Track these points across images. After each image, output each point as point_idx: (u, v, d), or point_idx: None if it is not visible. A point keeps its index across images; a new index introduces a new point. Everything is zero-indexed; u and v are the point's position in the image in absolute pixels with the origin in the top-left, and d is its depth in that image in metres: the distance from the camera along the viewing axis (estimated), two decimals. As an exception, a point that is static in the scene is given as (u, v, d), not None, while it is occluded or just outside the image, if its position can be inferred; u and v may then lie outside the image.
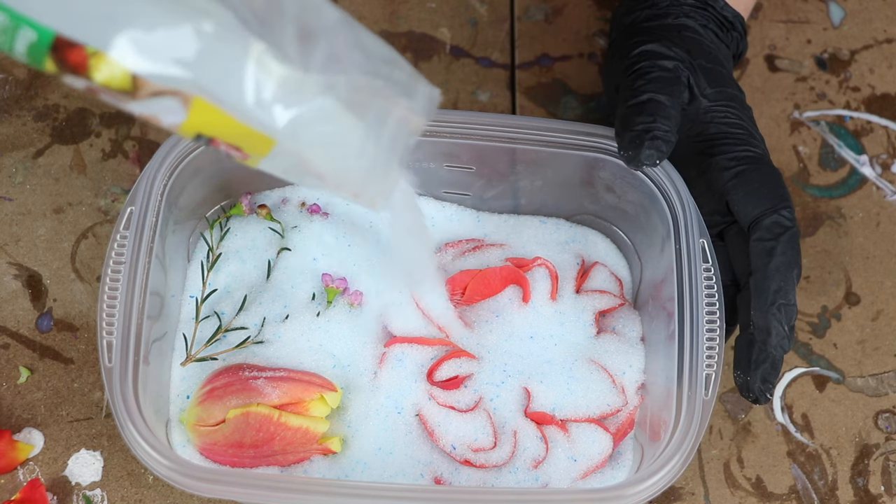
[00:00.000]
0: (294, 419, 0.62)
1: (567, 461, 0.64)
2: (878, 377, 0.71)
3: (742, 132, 0.65)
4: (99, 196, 0.73)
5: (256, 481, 0.56)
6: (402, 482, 0.63)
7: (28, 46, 0.45)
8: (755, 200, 0.62)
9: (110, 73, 0.45)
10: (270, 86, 0.47)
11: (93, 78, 0.45)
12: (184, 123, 0.48)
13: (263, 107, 0.47)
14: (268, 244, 0.69)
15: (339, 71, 0.49)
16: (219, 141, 0.49)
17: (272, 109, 0.48)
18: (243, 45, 0.46)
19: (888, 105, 0.79)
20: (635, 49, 0.65)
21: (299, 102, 0.48)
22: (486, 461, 0.64)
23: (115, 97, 0.46)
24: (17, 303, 0.70)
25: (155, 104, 0.47)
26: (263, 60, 0.47)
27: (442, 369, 0.65)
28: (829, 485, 0.67)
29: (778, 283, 0.60)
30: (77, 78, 0.45)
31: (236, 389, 0.62)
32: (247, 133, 0.48)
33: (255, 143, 0.49)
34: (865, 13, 0.83)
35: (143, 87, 0.45)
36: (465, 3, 0.82)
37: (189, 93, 0.46)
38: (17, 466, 0.65)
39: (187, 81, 0.46)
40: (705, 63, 0.66)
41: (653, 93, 0.62)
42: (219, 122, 0.47)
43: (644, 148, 0.61)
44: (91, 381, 0.68)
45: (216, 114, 0.47)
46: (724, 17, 0.69)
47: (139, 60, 0.45)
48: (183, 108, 0.47)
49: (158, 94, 0.46)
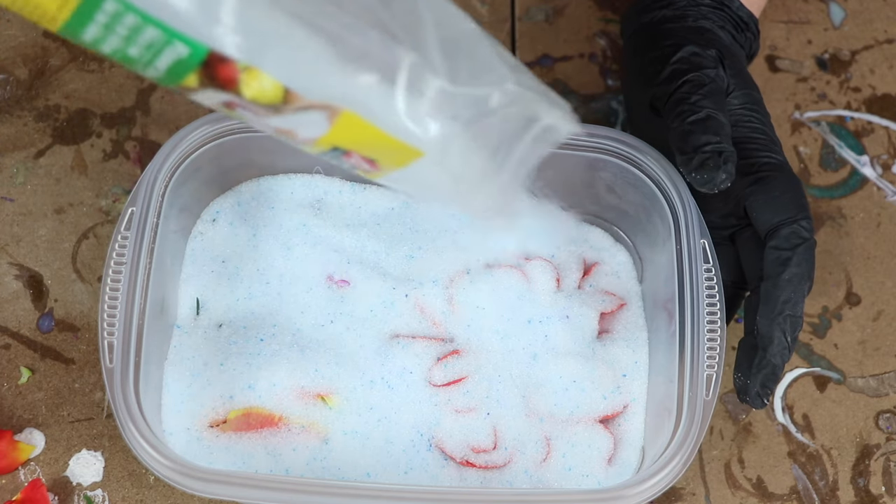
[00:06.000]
0: (296, 419, 0.62)
1: (568, 461, 0.64)
2: (879, 377, 0.71)
3: (764, 137, 0.64)
4: (100, 196, 0.73)
5: (257, 482, 0.56)
6: (402, 482, 0.63)
7: (174, 62, 0.44)
8: (775, 208, 0.62)
9: (261, 87, 0.45)
10: (423, 98, 0.46)
11: (242, 93, 0.45)
12: (323, 137, 0.47)
13: (416, 119, 0.47)
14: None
15: (486, 83, 0.48)
16: (353, 153, 0.48)
17: (425, 121, 0.47)
18: (395, 56, 0.46)
19: (889, 105, 0.79)
20: (675, 55, 0.64)
21: (451, 114, 0.47)
22: (486, 462, 0.64)
23: (256, 111, 0.46)
24: (18, 303, 0.70)
25: (298, 118, 0.46)
26: (415, 72, 0.46)
27: (442, 369, 0.65)
28: (830, 485, 0.67)
29: (788, 294, 0.60)
30: (220, 93, 0.45)
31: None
32: (392, 145, 0.48)
33: (396, 156, 0.48)
34: (866, 14, 0.83)
35: (294, 102, 0.45)
36: (466, 3, 0.82)
37: (339, 106, 0.46)
38: (18, 467, 0.65)
39: (342, 95, 0.45)
40: (732, 67, 0.65)
41: (710, 108, 0.61)
42: (363, 135, 0.47)
43: (720, 171, 0.60)
44: (92, 382, 0.68)
45: (363, 126, 0.47)
46: (739, 17, 0.69)
47: (294, 76, 0.44)
48: (327, 121, 0.46)
49: (306, 108, 0.46)
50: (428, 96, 0.47)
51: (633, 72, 0.69)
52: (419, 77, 0.46)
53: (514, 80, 0.49)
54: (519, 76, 0.49)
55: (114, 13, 0.43)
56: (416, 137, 0.48)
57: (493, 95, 0.48)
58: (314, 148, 0.49)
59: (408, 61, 0.46)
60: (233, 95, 0.45)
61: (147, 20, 0.43)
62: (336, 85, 0.45)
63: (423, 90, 0.47)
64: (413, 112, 0.47)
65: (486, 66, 0.48)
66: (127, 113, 0.76)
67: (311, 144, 0.48)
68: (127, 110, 0.76)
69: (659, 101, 0.64)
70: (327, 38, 0.45)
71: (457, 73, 0.47)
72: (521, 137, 0.51)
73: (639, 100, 0.68)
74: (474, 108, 0.48)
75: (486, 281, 0.68)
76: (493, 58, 0.49)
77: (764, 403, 0.61)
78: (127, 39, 0.44)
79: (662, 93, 0.64)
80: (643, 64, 0.67)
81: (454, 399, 0.65)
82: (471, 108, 0.48)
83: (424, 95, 0.47)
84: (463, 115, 0.48)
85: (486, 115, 0.49)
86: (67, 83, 0.76)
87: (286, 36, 0.44)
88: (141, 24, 0.43)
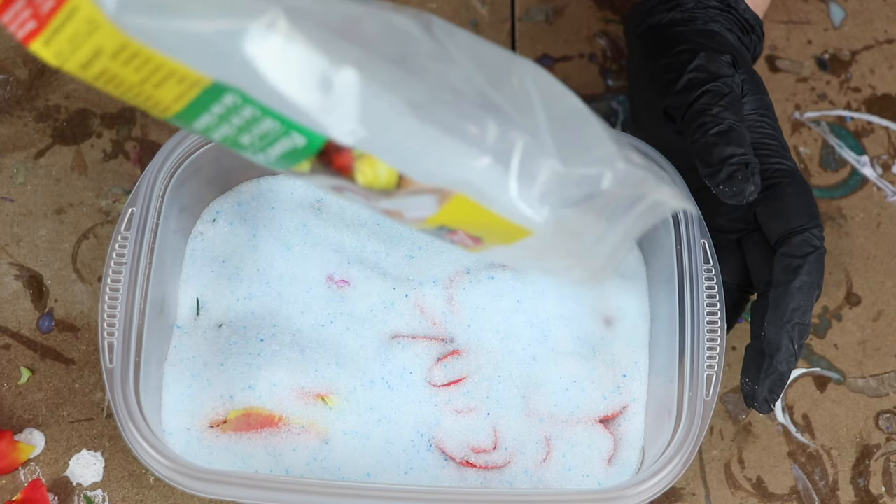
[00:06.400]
0: (296, 419, 0.62)
1: (568, 462, 0.64)
2: (879, 378, 0.71)
3: (776, 143, 0.64)
4: (100, 197, 0.73)
5: (257, 482, 0.56)
6: (402, 482, 0.63)
7: (289, 150, 0.44)
8: (787, 216, 0.62)
9: (375, 174, 0.45)
10: (536, 180, 0.46)
11: (356, 179, 0.45)
12: (432, 217, 0.47)
13: (528, 201, 0.47)
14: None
15: (596, 163, 0.48)
16: (460, 231, 0.48)
17: (536, 204, 0.47)
18: (508, 140, 0.46)
19: (889, 106, 0.79)
20: (690, 62, 0.64)
21: (562, 195, 0.47)
22: (486, 462, 0.64)
23: (367, 196, 0.46)
24: (19, 303, 0.70)
25: (409, 201, 0.46)
26: (528, 155, 0.46)
27: (442, 369, 0.65)
28: (830, 485, 0.67)
29: (798, 303, 0.60)
30: (333, 178, 0.45)
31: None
32: (501, 225, 0.47)
33: (504, 235, 0.48)
34: (866, 14, 0.83)
35: (407, 186, 0.45)
36: (466, 3, 0.82)
37: (451, 189, 0.46)
38: (18, 467, 0.65)
39: (455, 179, 0.45)
40: (745, 71, 0.65)
41: (732, 119, 0.61)
42: (473, 216, 0.47)
43: (749, 183, 0.59)
44: (92, 382, 0.68)
45: (474, 208, 0.46)
46: (745, 20, 0.68)
47: (409, 162, 0.44)
48: (437, 203, 0.46)
49: (418, 192, 0.45)
50: (540, 179, 0.46)
51: (644, 76, 0.68)
52: (531, 159, 0.46)
53: (622, 157, 0.48)
54: (627, 152, 0.49)
55: (232, 105, 0.42)
56: (527, 219, 0.47)
57: (604, 176, 0.48)
58: (421, 226, 0.48)
59: (521, 144, 0.46)
60: (346, 181, 0.45)
61: (266, 112, 0.43)
62: (449, 169, 0.45)
63: (535, 172, 0.46)
64: (525, 195, 0.47)
65: (594, 144, 0.48)
66: (127, 113, 0.76)
67: (419, 223, 0.48)
68: (127, 110, 0.76)
69: (675, 111, 0.64)
70: (442, 124, 0.45)
71: (567, 153, 0.47)
72: (630, 214, 0.50)
73: (649, 104, 0.67)
74: (585, 188, 0.48)
75: (486, 281, 0.68)
76: (602, 135, 0.48)
77: (771, 409, 0.61)
78: (241, 129, 0.44)
79: (680, 102, 0.63)
80: (655, 70, 0.66)
81: (454, 399, 0.65)
82: (582, 188, 0.48)
83: (537, 178, 0.46)
84: (574, 196, 0.48)
85: (596, 195, 0.48)
86: (67, 83, 0.76)
87: (402, 123, 0.44)
88: (259, 116, 0.43)
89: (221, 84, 0.42)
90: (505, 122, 0.46)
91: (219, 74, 0.41)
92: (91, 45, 0.39)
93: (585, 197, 0.48)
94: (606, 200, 0.49)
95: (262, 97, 0.42)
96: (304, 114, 0.43)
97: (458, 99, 0.45)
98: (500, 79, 0.46)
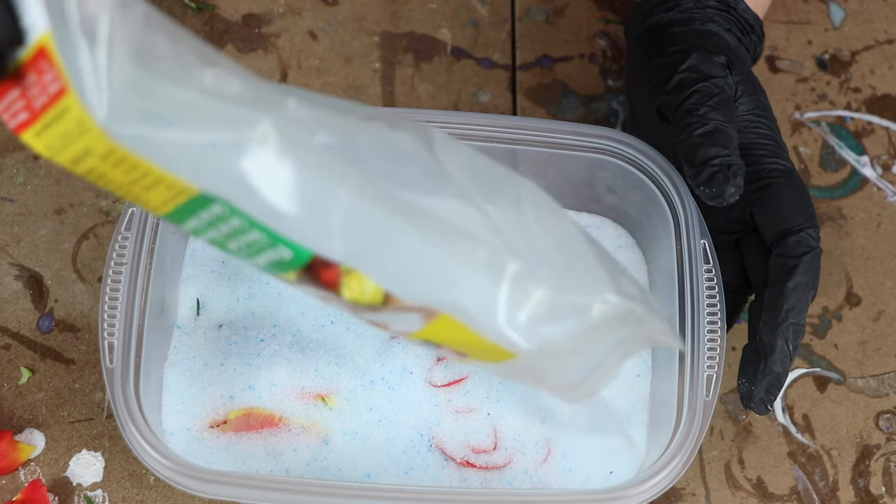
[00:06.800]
0: (296, 419, 0.62)
1: (568, 462, 0.64)
2: (879, 378, 0.71)
3: (772, 143, 0.64)
4: (100, 197, 0.73)
5: (257, 482, 0.56)
6: (402, 482, 0.63)
7: (275, 261, 0.44)
8: (782, 216, 0.62)
9: (362, 291, 0.44)
10: (524, 306, 0.46)
11: (342, 294, 0.45)
12: (416, 332, 0.47)
13: (515, 327, 0.46)
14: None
15: (588, 292, 0.47)
16: (446, 347, 0.48)
17: (523, 329, 0.46)
18: (498, 264, 0.45)
19: (889, 106, 0.79)
20: (683, 62, 0.64)
21: (550, 323, 0.47)
22: (487, 462, 0.64)
23: (351, 308, 0.46)
24: (19, 303, 0.70)
25: (393, 317, 0.46)
26: (518, 280, 0.45)
27: (442, 369, 0.65)
28: (830, 485, 0.67)
29: (792, 303, 0.60)
30: (319, 290, 0.45)
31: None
32: (486, 347, 0.47)
33: (489, 354, 0.48)
34: (866, 14, 0.83)
35: (393, 304, 0.45)
36: (466, 3, 0.82)
37: (438, 310, 0.45)
38: (18, 467, 0.65)
39: (442, 301, 0.45)
40: (740, 72, 0.65)
41: (719, 120, 0.61)
42: (458, 336, 0.47)
43: (730, 185, 0.59)
44: (92, 382, 0.68)
45: (460, 329, 0.46)
46: (745, 20, 0.68)
47: (396, 281, 0.44)
48: (422, 321, 0.46)
49: (404, 310, 0.45)
50: (529, 305, 0.46)
51: (641, 77, 0.68)
52: (521, 285, 0.46)
53: (614, 289, 0.48)
54: (620, 282, 0.48)
55: (219, 214, 0.43)
56: (514, 344, 0.47)
57: (594, 305, 0.47)
58: (406, 338, 0.48)
59: (511, 269, 0.45)
60: (331, 294, 0.45)
61: (253, 224, 0.43)
62: (436, 290, 0.45)
63: (524, 299, 0.46)
64: (513, 321, 0.46)
65: (586, 272, 0.47)
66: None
67: (404, 336, 0.48)
68: (127, 110, 0.76)
69: (667, 110, 0.64)
70: (433, 244, 0.44)
71: (558, 280, 0.46)
72: (619, 344, 0.50)
73: (645, 104, 0.67)
74: (575, 317, 0.47)
75: (486, 281, 0.68)
76: (594, 263, 0.48)
77: (768, 410, 0.61)
78: (228, 236, 0.44)
79: (670, 102, 0.63)
80: (650, 70, 0.66)
81: (454, 399, 0.65)
82: (571, 317, 0.47)
83: (525, 304, 0.46)
84: (562, 323, 0.47)
85: (585, 324, 0.48)
86: (67, 83, 0.76)
87: (390, 242, 0.44)
88: (245, 227, 0.43)
89: (208, 194, 0.42)
90: (496, 244, 0.45)
91: (205, 185, 0.42)
92: (81, 145, 0.39)
93: (574, 326, 0.48)
94: (595, 330, 0.48)
95: (249, 209, 0.42)
96: (290, 228, 0.43)
97: (449, 219, 0.45)
98: (496, 197, 0.46)
